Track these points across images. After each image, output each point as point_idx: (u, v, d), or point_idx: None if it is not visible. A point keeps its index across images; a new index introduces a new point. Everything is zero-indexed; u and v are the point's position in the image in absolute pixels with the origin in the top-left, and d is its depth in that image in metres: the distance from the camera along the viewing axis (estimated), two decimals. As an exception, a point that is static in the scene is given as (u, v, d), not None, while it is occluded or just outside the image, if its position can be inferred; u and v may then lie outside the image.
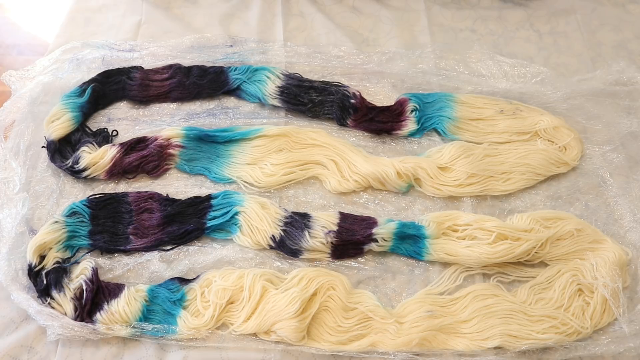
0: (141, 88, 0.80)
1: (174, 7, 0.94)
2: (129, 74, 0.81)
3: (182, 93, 0.80)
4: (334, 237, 0.67)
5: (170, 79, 0.81)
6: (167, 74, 0.81)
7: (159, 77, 0.81)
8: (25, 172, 0.73)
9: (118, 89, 0.80)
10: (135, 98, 0.80)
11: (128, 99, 0.80)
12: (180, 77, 0.81)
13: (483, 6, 0.96)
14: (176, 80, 0.80)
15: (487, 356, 0.62)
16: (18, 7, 1.01)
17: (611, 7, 0.96)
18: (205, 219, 0.69)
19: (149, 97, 0.80)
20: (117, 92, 0.80)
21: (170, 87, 0.80)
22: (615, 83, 0.83)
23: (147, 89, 0.80)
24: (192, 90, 0.80)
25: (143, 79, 0.81)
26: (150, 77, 0.81)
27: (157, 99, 0.80)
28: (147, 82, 0.80)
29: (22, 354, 0.61)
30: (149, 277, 0.67)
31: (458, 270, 0.68)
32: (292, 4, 0.94)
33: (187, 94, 0.80)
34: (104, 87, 0.80)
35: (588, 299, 0.64)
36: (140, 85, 0.80)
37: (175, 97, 0.80)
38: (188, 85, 0.80)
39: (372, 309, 0.64)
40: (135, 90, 0.80)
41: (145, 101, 0.80)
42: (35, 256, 0.64)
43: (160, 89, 0.80)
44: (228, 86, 0.80)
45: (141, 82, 0.80)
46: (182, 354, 0.61)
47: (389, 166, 0.72)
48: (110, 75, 0.81)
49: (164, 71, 0.81)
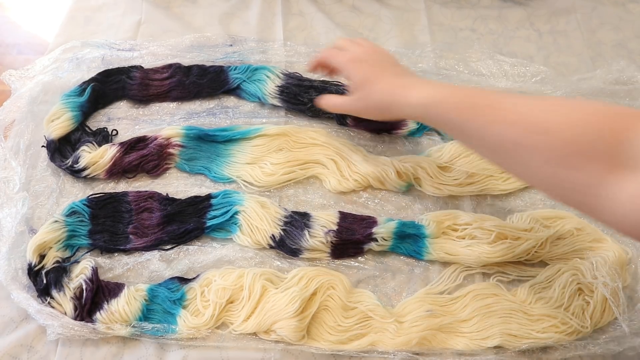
0: (141, 87, 0.80)
1: (174, 6, 0.93)
2: (128, 73, 0.81)
3: (182, 92, 0.80)
4: (334, 237, 0.67)
5: (170, 78, 0.81)
6: (167, 73, 0.81)
7: (159, 76, 0.81)
8: (25, 171, 0.73)
9: (118, 88, 0.80)
10: (135, 97, 0.80)
11: (128, 98, 0.80)
12: (180, 77, 0.81)
13: (483, 5, 0.96)
14: (176, 79, 0.80)
15: (487, 355, 0.62)
16: (18, 6, 1.01)
17: (611, 6, 0.96)
18: (205, 218, 0.69)
19: (149, 96, 0.80)
20: (117, 92, 0.80)
21: (170, 86, 0.80)
22: (615, 82, 0.83)
23: (147, 88, 0.80)
24: (192, 90, 0.80)
25: (143, 78, 0.81)
26: (150, 76, 0.81)
27: (157, 98, 0.80)
28: (147, 81, 0.80)
29: (22, 353, 0.61)
30: (149, 276, 0.67)
31: (458, 270, 0.68)
32: (291, 4, 0.94)
33: (187, 93, 0.80)
34: (103, 87, 0.79)
35: (588, 298, 0.64)
36: (140, 84, 0.80)
37: (175, 96, 0.80)
38: (188, 85, 0.80)
39: (371, 308, 0.64)
40: (135, 89, 0.80)
41: (145, 100, 0.80)
42: (35, 255, 0.64)
43: (160, 88, 0.80)
44: (228, 85, 0.80)
45: (141, 82, 0.80)
46: (182, 353, 0.61)
47: (389, 165, 0.72)
48: (110, 74, 0.81)
49: (164, 70, 0.81)
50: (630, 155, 0.43)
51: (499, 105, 0.51)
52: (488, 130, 0.51)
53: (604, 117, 0.45)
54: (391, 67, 0.64)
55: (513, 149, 0.49)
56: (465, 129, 0.54)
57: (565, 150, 0.46)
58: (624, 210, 0.43)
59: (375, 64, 0.63)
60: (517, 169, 0.52)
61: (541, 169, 0.48)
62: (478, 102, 0.52)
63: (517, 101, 0.51)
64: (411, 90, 0.57)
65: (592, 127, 0.45)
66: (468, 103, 0.53)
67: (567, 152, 0.46)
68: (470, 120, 0.52)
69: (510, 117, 0.49)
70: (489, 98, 0.52)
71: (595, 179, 0.44)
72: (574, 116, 0.47)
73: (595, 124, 0.45)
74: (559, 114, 0.48)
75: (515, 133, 0.48)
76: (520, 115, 0.49)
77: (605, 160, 0.44)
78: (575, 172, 0.45)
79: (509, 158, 0.51)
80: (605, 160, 0.44)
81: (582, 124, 0.46)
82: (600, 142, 0.44)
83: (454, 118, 0.54)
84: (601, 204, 0.44)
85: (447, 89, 0.56)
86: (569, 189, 0.47)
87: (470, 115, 0.52)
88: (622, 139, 0.43)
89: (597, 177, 0.44)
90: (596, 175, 0.44)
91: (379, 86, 0.61)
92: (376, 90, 0.61)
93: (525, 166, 0.50)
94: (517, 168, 0.52)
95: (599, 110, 0.47)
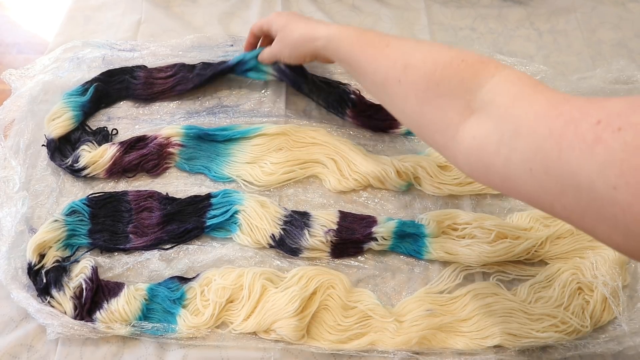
0: (145, 86, 0.80)
1: (174, 5, 0.94)
2: (132, 72, 0.81)
3: (186, 85, 0.80)
4: (334, 236, 0.67)
5: (174, 75, 0.81)
6: (172, 71, 0.81)
7: (163, 74, 0.81)
8: (25, 170, 0.73)
9: (122, 88, 0.80)
10: (140, 96, 0.80)
11: (132, 97, 0.80)
12: (185, 73, 0.81)
13: (483, 4, 0.96)
14: (180, 75, 0.80)
15: (487, 355, 0.62)
16: (18, 5, 1.01)
17: (611, 5, 0.96)
18: (204, 217, 0.69)
19: (154, 94, 0.80)
20: (121, 91, 0.80)
21: (175, 82, 0.80)
22: (615, 81, 0.83)
23: (152, 87, 0.80)
24: (196, 80, 0.80)
25: (147, 77, 0.81)
26: (154, 75, 0.81)
27: (161, 95, 0.80)
28: (151, 80, 0.80)
29: (21, 352, 0.61)
30: (149, 275, 0.67)
31: (458, 269, 0.68)
32: (291, 3, 0.94)
33: (191, 85, 0.80)
34: (107, 87, 0.80)
35: (588, 297, 0.64)
36: (144, 83, 0.80)
37: (179, 90, 0.80)
38: (192, 78, 0.80)
39: (371, 307, 0.64)
40: (139, 88, 0.80)
41: (149, 99, 0.80)
42: (35, 255, 0.64)
43: (164, 85, 0.80)
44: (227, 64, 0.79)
45: (145, 81, 0.80)
46: (182, 353, 0.61)
47: (389, 165, 0.72)
48: (114, 74, 0.81)
49: (168, 69, 0.82)
50: (480, 99, 0.45)
51: (383, 42, 0.55)
52: (370, 66, 0.56)
53: (465, 62, 0.48)
54: (302, 16, 0.71)
55: (386, 83, 0.53)
56: (353, 63, 0.59)
57: (426, 86, 0.49)
58: (466, 150, 0.45)
59: (292, 15, 0.71)
60: (391, 104, 0.56)
61: (407, 104, 0.51)
62: (369, 40, 0.57)
63: (399, 42, 0.55)
64: (320, 27, 0.64)
65: (453, 69, 0.48)
66: (362, 40, 0.58)
67: (427, 89, 0.48)
68: (359, 54, 0.57)
69: (387, 52, 0.54)
70: (380, 37, 0.57)
71: (453, 120, 0.47)
72: (438, 55, 0.50)
73: (457, 67, 0.48)
74: (423, 51, 0.51)
75: (387, 67, 0.53)
76: (394, 51, 0.53)
77: (462, 103, 0.46)
78: (435, 110, 0.48)
79: (384, 93, 0.55)
80: (462, 103, 0.46)
81: (444, 63, 0.48)
82: (460, 84, 0.47)
83: (348, 51, 0.59)
84: (452, 145, 0.47)
85: (351, 28, 0.61)
86: (430, 128, 0.50)
87: (359, 50, 0.58)
88: (479, 84, 0.45)
89: (454, 118, 0.46)
90: (453, 117, 0.47)
91: (294, 26, 0.68)
92: (293, 30, 0.68)
93: (397, 102, 0.53)
94: (391, 104, 0.55)
95: (463, 54, 0.49)
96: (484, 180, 0.45)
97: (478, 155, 0.43)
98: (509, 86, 0.43)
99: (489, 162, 0.42)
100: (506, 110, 0.42)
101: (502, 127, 0.41)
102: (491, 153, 0.42)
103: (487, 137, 0.43)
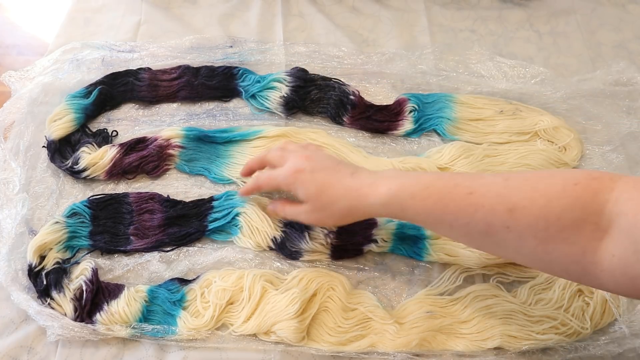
0: (150, 88, 0.80)
1: (174, 7, 0.94)
2: (136, 75, 0.81)
3: (190, 93, 0.80)
4: (334, 238, 0.67)
5: (178, 78, 0.81)
6: (176, 73, 0.81)
7: (168, 77, 0.81)
8: (25, 172, 0.73)
9: (126, 90, 0.80)
10: (144, 99, 0.80)
11: (137, 100, 0.80)
12: (189, 77, 0.81)
13: (483, 6, 0.96)
14: (185, 79, 0.80)
15: (487, 356, 0.62)
16: (18, 7, 1.01)
17: (611, 7, 0.96)
18: (206, 221, 0.69)
19: (158, 97, 0.80)
20: (125, 94, 0.80)
21: (179, 86, 0.80)
22: (615, 83, 0.83)
23: (156, 89, 0.80)
24: (200, 91, 0.80)
25: (151, 79, 0.81)
26: (159, 77, 0.81)
27: (166, 98, 0.80)
28: (155, 82, 0.80)
29: (22, 354, 0.61)
30: (149, 277, 0.67)
31: (458, 271, 0.68)
32: (291, 5, 0.94)
33: (195, 94, 0.80)
34: (111, 89, 0.80)
35: (588, 299, 0.64)
36: (149, 85, 0.80)
37: (183, 96, 0.80)
38: (197, 86, 0.80)
39: (371, 309, 0.64)
40: (144, 90, 0.80)
41: (154, 101, 0.80)
42: (35, 256, 0.64)
43: (169, 89, 0.80)
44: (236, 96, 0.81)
45: (150, 83, 0.80)
46: (182, 355, 0.61)
47: (389, 167, 0.72)
48: (117, 77, 0.81)
49: (173, 71, 0.82)
50: (607, 217, 0.43)
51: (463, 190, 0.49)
52: (458, 221, 0.49)
53: (579, 184, 0.45)
54: (336, 166, 0.59)
55: (490, 232, 0.48)
56: (431, 221, 0.52)
57: (546, 224, 0.45)
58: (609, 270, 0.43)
59: (321, 170, 0.58)
60: (500, 250, 0.51)
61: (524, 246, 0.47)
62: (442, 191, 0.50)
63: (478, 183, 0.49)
64: (368, 188, 0.55)
65: (569, 198, 0.44)
66: (433, 194, 0.51)
67: (548, 226, 0.45)
68: (438, 212, 0.51)
69: (474, 201, 0.48)
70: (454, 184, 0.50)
71: (587, 247, 0.44)
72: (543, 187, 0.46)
73: (572, 193, 0.45)
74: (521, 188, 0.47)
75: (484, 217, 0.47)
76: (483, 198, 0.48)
77: (591, 228, 0.44)
78: (563, 245, 0.45)
79: (488, 242, 0.50)
80: (591, 227, 0.44)
81: (557, 194, 0.45)
82: (582, 210, 0.44)
83: (419, 213, 0.52)
84: (593, 270, 0.44)
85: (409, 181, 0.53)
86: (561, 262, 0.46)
87: (434, 207, 0.51)
88: (602, 202, 0.43)
89: (587, 245, 0.44)
90: (586, 244, 0.44)
91: (334, 193, 0.56)
92: (333, 200, 0.56)
93: (509, 247, 0.48)
94: (500, 250, 0.51)
95: (570, 175, 0.46)
96: (632, 293, 0.44)
97: (622, 270, 0.42)
98: (633, 193, 0.42)
99: (634, 274, 0.41)
100: (634, 217, 0.41)
101: (636, 236, 0.40)
102: (633, 264, 0.41)
103: (625, 250, 0.42)
